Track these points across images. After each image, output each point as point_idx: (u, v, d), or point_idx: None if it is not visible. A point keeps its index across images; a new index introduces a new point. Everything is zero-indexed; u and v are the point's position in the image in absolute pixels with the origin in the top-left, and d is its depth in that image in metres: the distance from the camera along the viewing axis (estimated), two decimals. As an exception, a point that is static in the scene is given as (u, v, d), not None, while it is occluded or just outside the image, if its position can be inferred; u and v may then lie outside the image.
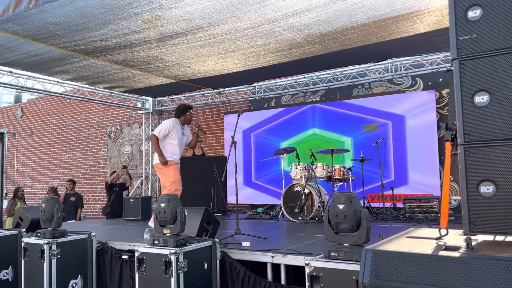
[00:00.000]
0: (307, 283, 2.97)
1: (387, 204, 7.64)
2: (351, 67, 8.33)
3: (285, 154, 7.90)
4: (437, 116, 7.80)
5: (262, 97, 9.78)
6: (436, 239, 2.15)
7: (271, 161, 9.39)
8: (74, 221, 9.15)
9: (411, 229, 2.75)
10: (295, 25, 5.63)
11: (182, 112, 6.13)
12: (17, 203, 9.39)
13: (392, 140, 8.06)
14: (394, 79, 8.36)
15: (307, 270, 2.97)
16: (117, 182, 9.30)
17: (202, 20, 5.39)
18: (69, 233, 4.78)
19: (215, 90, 10.01)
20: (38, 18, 5.19)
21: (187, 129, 6.28)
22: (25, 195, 10.32)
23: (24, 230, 5.25)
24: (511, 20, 1.86)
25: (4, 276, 5.07)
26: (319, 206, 6.74)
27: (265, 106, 9.93)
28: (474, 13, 1.95)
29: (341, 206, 3.00)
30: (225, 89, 9.98)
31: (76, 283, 4.63)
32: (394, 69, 8.04)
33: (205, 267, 4.00)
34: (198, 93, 10.41)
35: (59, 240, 4.51)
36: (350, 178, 7.38)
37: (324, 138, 8.90)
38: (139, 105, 11.24)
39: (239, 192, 5.80)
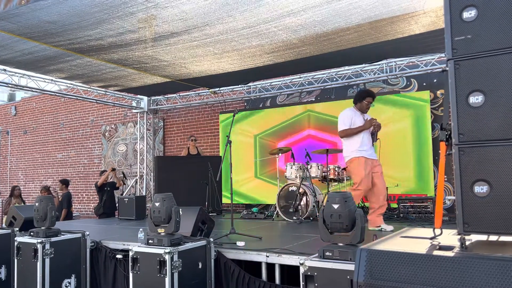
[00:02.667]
0: (301, 283, 2.97)
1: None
2: (346, 67, 8.35)
3: (280, 154, 7.91)
4: (431, 116, 7.83)
5: (258, 96, 9.78)
6: (431, 238, 2.16)
7: (267, 161, 9.39)
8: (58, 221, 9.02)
9: (406, 228, 2.76)
10: (290, 26, 5.63)
11: (358, 99, 5.49)
12: (12, 202, 9.32)
13: (387, 141, 8.07)
14: (389, 80, 8.39)
15: (301, 270, 2.97)
16: (107, 181, 9.16)
17: (197, 19, 5.37)
18: (63, 232, 4.75)
19: (210, 90, 10.00)
20: (32, 17, 5.16)
21: (369, 117, 5.52)
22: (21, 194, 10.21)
23: (17, 229, 5.22)
24: (506, 21, 1.87)
25: (-3, 276, 5.04)
26: (313, 206, 6.75)
27: (261, 106, 9.92)
28: (469, 14, 1.96)
29: (335, 206, 3.00)
30: (220, 88, 9.97)
31: (69, 283, 4.60)
32: (389, 70, 8.07)
33: (200, 266, 3.99)
34: (193, 92, 10.39)
35: (53, 239, 4.48)
36: (345, 178, 7.40)
37: (319, 137, 8.92)
38: (134, 104, 11.21)
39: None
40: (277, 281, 3.87)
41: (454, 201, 1.98)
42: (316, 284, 2.90)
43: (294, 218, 6.78)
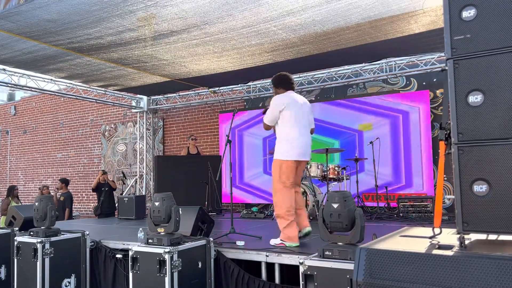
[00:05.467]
0: (301, 282, 2.97)
1: (381, 204, 7.67)
2: (346, 67, 8.35)
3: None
4: (431, 116, 7.83)
5: (257, 96, 9.77)
6: (430, 238, 2.16)
7: (267, 160, 9.39)
8: (61, 221, 9.00)
9: (405, 228, 2.76)
10: (290, 25, 5.63)
11: None
12: (11, 202, 9.30)
13: (386, 140, 8.09)
14: (388, 79, 8.39)
15: (301, 269, 2.97)
16: (105, 181, 9.12)
17: (197, 18, 5.37)
18: (63, 232, 4.75)
19: (210, 89, 9.99)
20: (31, 15, 5.16)
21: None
22: (18, 194, 10.20)
23: (17, 228, 5.22)
24: (505, 20, 1.87)
25: (-3, 275, 5.05)
26: (313, 205, 6.75)
27: (260, 105, 9.91)
28: (468, 13, 1.96)
29: (335, 205, 3.00)
30: (220, 88, 9.97)
31: (69, 282, 4.60)
32: (389, 69, 8.07)
33: (199, 266, 3.99)
34: (193, 92, 10.39)
35: (52, 239, 4.48)
36: (345, 177, 7.40)
37: (319, 137, 8.92)
38: (133, 103, 11.20)
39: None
40: (277, 280, 3.88)
41: (453, 200, 1.99)
42: (315, 284, 2.90)
43: (293, 217, 6.77)
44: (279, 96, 4.46)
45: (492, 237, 2.06)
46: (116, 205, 8.68)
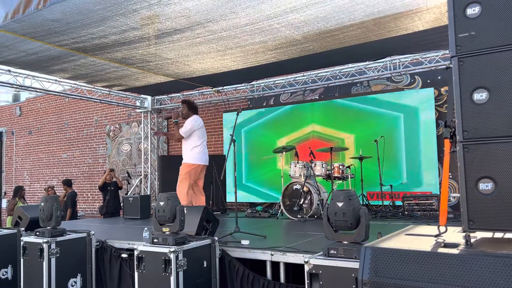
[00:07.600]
0: (306, 281, 2.96)
1: (386, 202, 7.65)
2: (350, 65, 8.32)
3: (284, 153, 7.90)
4: (436, 114, 7.80)
5: (261, 95, 9.77)
6: (435, 236, 2.16)
7: (271, 159, 9.39)
8: (64, 221, 9.01)
9: (410, 226, 2.76)
10: (293, 22, 5.62)
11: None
12: (17, 202, 9.36)
13: (391, 138, 8.06)
14: (392, 77, 8.36)
15: (306, 268, 2.96)
16: (111, 181, 9.16)
17: (200, 16, 5.38)
18: (68, 232, 4.77)
19: (213, 89, 10.00)
20: (36, 16, 5.17)
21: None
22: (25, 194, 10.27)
23: (23, 229, 5.25)
24: (509, 17, 1.85)
25: (4, 275, 5.06)
26: (318, 204, 6.75)
27: (264, 104, 9.92)
28: (473, 10, 1.95)
29: (340, 204, 2.99)
30: (224, 87, 9.97)
31: (75, 282, 4.63)
32: (393, 67, 8.04)
33: (205, 265, 4.00)
34: (197, 91, 10.40)
35: (58, 239, 4.50)
36: (349, 176, 7.39)
37: (323, 136, 8.91)
38: (137, 103, 11.23)
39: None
40: (282, 279, 3.88)
41: (459, 198, 1.98)
42: (321, 282, 2.90)
43: (298, 216, 6.78)
44: (195, 119, 6.31)
45: (498, 235, 2.05)
46: (121, 204, 8.71)
